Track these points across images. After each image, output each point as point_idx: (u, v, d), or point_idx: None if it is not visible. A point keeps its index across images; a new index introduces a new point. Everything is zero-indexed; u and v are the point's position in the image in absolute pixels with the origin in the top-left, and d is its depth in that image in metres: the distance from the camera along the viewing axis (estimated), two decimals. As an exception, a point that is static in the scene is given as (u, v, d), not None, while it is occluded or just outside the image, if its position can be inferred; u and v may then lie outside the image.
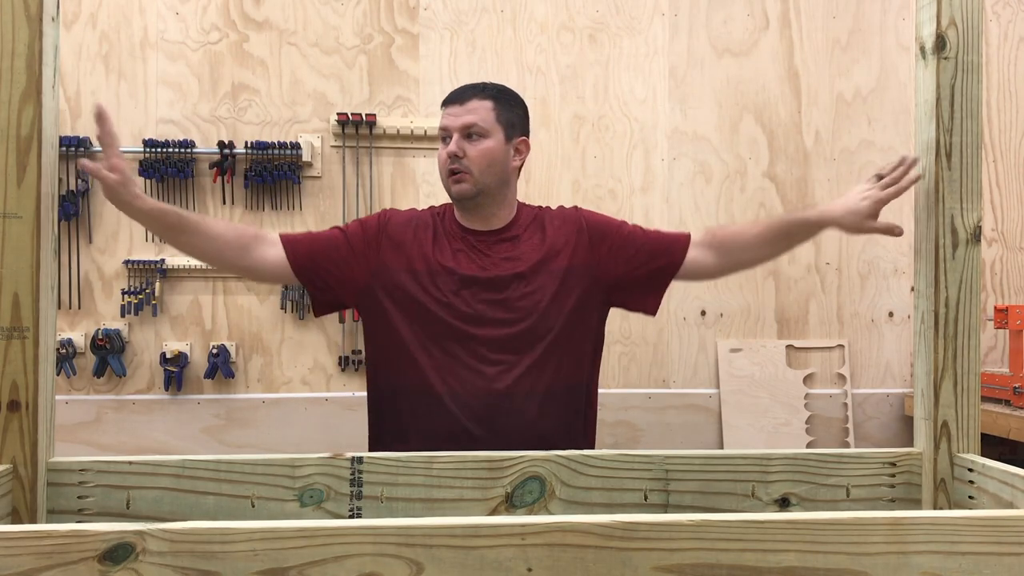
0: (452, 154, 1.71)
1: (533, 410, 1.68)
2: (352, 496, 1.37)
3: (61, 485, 1.30)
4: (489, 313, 1.70)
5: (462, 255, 1.74)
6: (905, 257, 3.26)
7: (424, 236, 1.76)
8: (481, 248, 1.76)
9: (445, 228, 1.79)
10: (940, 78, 1.38)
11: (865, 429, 3.25)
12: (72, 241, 3.01)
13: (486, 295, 1.70)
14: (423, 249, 1.74)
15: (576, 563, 0.94)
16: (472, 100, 1.75)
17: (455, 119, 1.74)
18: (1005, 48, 3.35)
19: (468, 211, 1.78)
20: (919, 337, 1.42)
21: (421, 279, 1.72)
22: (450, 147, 1.72)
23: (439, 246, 1.75)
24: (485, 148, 1.73)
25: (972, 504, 1.30)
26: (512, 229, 1.78)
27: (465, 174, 1.72)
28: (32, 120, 1.23)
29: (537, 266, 1.73)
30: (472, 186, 1.72)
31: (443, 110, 1.77)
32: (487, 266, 1.73)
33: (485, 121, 1.73)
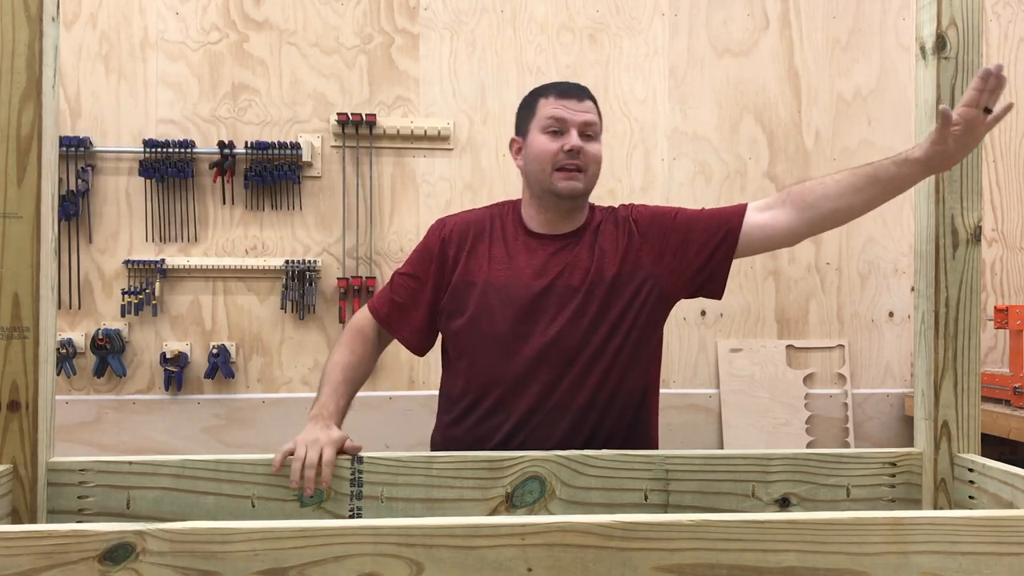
0: (575, 149, 1.62)
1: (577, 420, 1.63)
2: (352, 496, 1.37)
3: (61, 485, 1.30)
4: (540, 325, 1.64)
5: (519, 261, 1.68)
6: (905, 257, 3.26)
7: (478, 243, 1.71)
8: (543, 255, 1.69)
9: (505, 231, 1.72)
10: (940, 78, 1.38)
11: (865, 429, 3.25)
12: (72, 241, 3.01)
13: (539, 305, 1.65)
14: (477, 258, 1.70)
15: (576, 563, 0.94)
16: (587, 100, 1.68)
17: (575, 114, 1.64)
18: (1005, 48, 3.35)
19: (559, 210, 1.69)
20: (919, 337, 1.42)
21: (473, 289, 1.68)
22: (573, 140, 1.62)
23: (494, 253, 1.70)
24: (598, 150, 1.67)
25: (972, 504, 1.30)
26: (578, 235, 1.71)
27: (581, 172, 1.64)
28: (32, 120, 1.23)
29: (589, 276, 1.66)
30: (584, 185, 1.65)
31: (551, 100, 1.67)
32: (543, 273, 1.67)
33: (598, 124, 1.68)
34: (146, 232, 3.05)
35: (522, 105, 1.74)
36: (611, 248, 1.68)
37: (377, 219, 3.12)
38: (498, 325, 1.64)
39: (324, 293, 3.10)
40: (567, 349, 1.63)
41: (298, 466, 1.35)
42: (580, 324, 1.63)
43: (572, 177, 1.63)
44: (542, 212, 1.70)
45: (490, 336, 1.65)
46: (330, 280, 3.11)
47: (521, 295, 1.65)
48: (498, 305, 1.65)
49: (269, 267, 3.06)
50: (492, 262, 1.68)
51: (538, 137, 1.65)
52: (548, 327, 1.64)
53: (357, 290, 3.06)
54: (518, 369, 1.63)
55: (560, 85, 1.70)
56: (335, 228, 3.12)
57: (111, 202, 3.05)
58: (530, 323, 1.64)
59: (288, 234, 3.11)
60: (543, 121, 1.65)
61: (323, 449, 1.37)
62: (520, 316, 1.64)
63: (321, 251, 3.11)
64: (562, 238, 1.70)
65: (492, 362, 1.65)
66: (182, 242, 3.07)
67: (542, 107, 1.67)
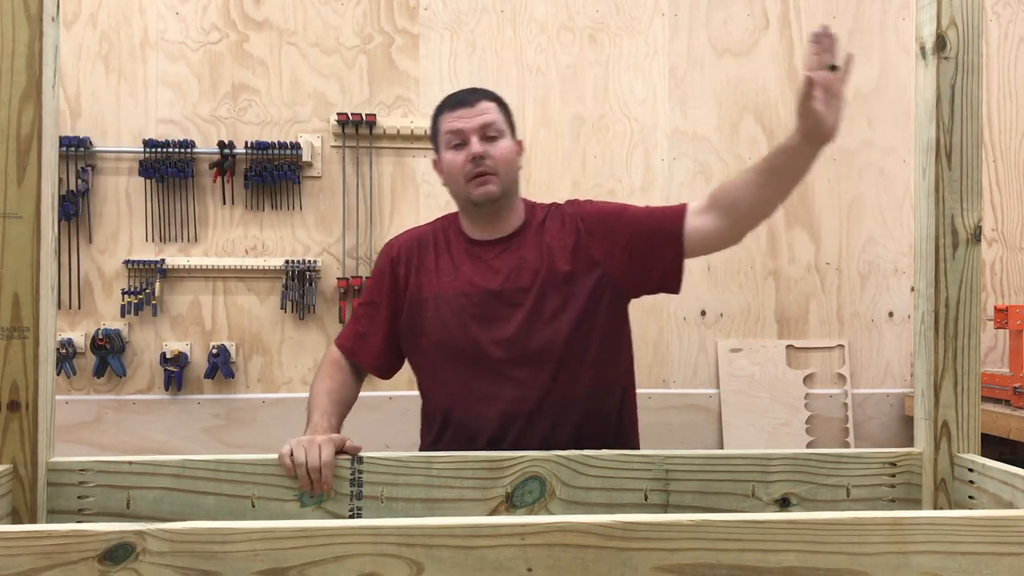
0: (477, 155, 1.64)
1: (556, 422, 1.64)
2: (352, 496, 1.37)
3: (61, 485, 1.30)
4: (497, 330, 1.65)
5: (465, 270, 1.69)
6: (905, 257, 3.26)
7: (425, 258, 1.73)
8: (487, 260, 1.70)
9: (448, 243, 1.74)
10: (940, 78, 1.38)
11: (865, 429, 3.25)
12: (72, 241, 3.01)
13: (492, 311, 1.65)
14: (426, 273, 1.72)
15: (576, 563, 0.94)
16: (481, 102, 1.69)
17: (469, 121, 1.66)
18: (1005, 48, 3.35)
19: (486, 217, 1.71)
20: (919, 337, 1.42)
21: (426, 305, 1.70)
22: (474, 148, 1.64)
23: (441, 266, 1.71)
24: (506, 147, 1.68)
25: (972, 504, 1.30)
26: (519, 235, 1.72)
27: (492, 175, 1.65)
28: (32, 120, 1.23)
29: (538, 275, 1.66)
30: (498, 187, 1.66)
31: (446, 115, 1.69)
32: (492, 280, 1.67)
33: (499, 121, 1.69)
34: (146, 232, 3.05)
35: (431, 126, 1.76)
36: (559, 245, 1.68)
37: (377, 219, 3.12)
38: (455, 336, 1.66)
39: (324, 293, 3.10)
40: (530, 350, 1.63)
41: (303, 473, 1.35)
42: (537, 323, 1.64)
43: (484, 182, 1.65)
44: (474, 222, 1.73)
45: (450, 348, 1.67)
46: (330, 280, 3.11)
47: (472, 303, 1.66)
48: (451, 317, 1.66)
49: (269, 267, 3.06)
50: (440, 275, 1.70)
51: (446, 154, 1.69)
52: (504, 329, 1.64)
53: (357, 290, 3.06)
54: (484, 376, 1.64)
55: (453, 97, 1.72)
56: (335, 228, 3.12)
57: (111, 202, 3.05)
58: (485, 329, 1.65)
59: (288, 234, 3.11)
60: (444, 137, 1.69)
61: (321, 447, 1.37)
62: (475, 324, 1.65)
63: (321, 251, 3.11)
64: (504, 241, 1.71)
65: (457, 373, 1.67)
66: (182, 242, 3.07)
67: (442, 124, 1.70)
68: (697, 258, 3.28)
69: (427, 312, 1.69)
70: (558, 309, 1.65)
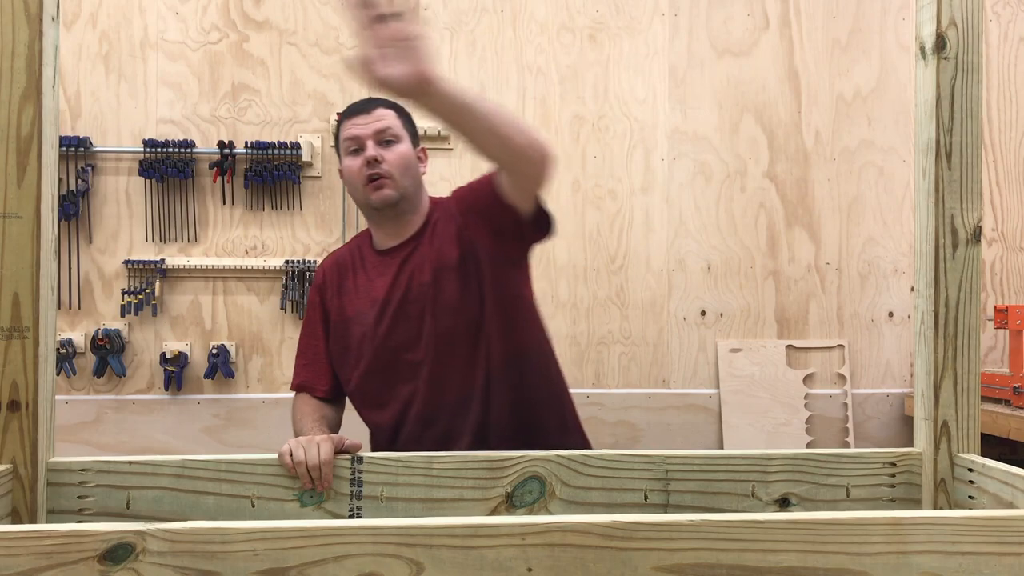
0: (371, 159, 1.65)
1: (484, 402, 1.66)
2: (352, 496, 1.37)
3: (61, 485, 1.30)
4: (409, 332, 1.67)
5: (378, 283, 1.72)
6: (905, 257, 3.26)
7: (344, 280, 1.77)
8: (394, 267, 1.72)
9: (363, 259, 1.77)
10: (940, 78, 1.37)
11: (865, 429, 3.25)
12: (72, 241, 3.01)
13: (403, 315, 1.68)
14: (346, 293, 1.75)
15: (576, 563, 0.94)
16: (377, 108, 1.70)
17: (366, 127, 1.68)
18: (1005, 48, 3.35)
19: (387, 221, 1.72)
20: (919, 337, 1.42)
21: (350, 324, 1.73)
22: (368, 152, 1.66)
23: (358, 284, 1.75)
24: (402, 152, 1.69)
25: (972, 504, 1.30)
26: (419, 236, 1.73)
27: (386, 179, 1.66)
28: (32, 120, 1.23)
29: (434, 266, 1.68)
30: (395, 191, 1.67)
31: (345, 122, 1.71)
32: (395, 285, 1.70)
33: (396, 127, 1.71)
34: (146, 232, 3.05)
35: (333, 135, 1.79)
36: (446, 235, 1.70)
37: (377, 219, 3.12)
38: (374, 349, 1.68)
39: (324, 293, 3.10)
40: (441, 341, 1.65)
41: (303, 471, 1.35)
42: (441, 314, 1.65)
43: (380, 186, 1.66)
44: (378, 228, 1.75)
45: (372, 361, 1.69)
46: (330, 280, 3.10)
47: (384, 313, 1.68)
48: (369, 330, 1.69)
49: (269, 267, 3.06)
50: (358, 292, 1.74)
51: (345, 160, 1.71)
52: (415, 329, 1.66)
53: (357, 290, 3.06)
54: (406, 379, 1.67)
55: (350, 106, 1.75)
56: (335, 228, 3.11)
57: (111, 202, 3.05)
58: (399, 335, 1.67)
59: (288, 234, 3.11)
60: (344, 144, 1.71)
61: (320, 445, 1.37)
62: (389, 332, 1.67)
63: (321, 251, 3.11)
64: (406, 245, 1.72)
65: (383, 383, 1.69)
66: (182, 242, 3.07)
67: (341, 131, 1.72)
68: (693, 255, 3.28)
69: (352, 331, 1.72)
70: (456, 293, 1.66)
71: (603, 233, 3.20)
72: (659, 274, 3.22)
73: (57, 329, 2.04)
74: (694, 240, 3.23)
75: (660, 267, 3.22)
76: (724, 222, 3.23)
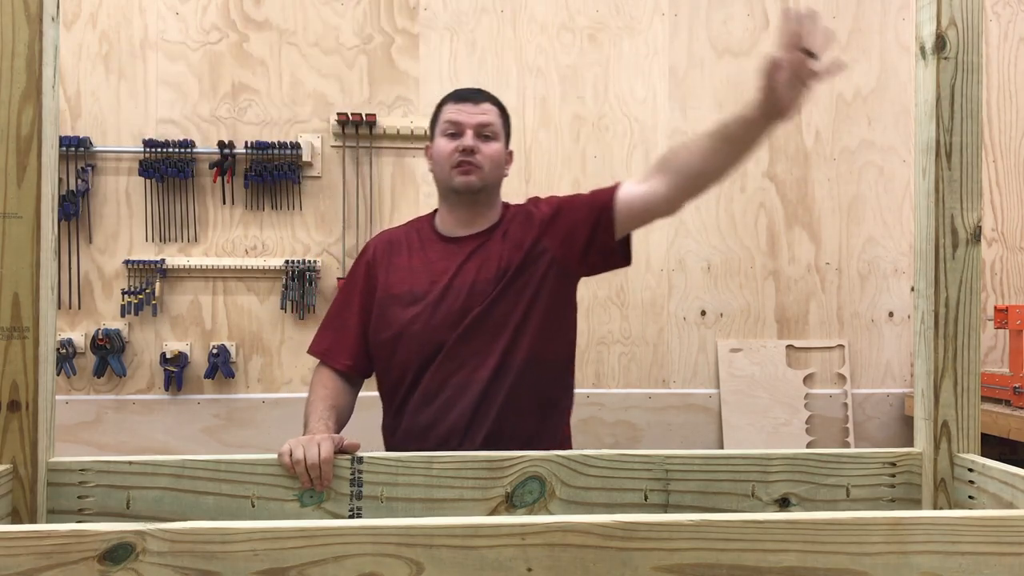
0: (468, 148, 1.72)
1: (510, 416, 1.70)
2: (352, 496, 1.37)
3: (61, 485, 1.30)
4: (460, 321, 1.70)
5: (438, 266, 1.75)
6: (905, 257, 3.26)
7: (397, 257, 1.79)
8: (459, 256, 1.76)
9: (422, 242, 1.80)
10: (940, 78, 1.37)
11: (865, 429, 3.25)
12: (72, 241, 3.02)
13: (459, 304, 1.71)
14: (396, 271, 1.78)
15: (576, 563, 0.94)
16: (484, 103, 1.77)
17: (470, 116, 1.75)
18: (1005, 48, 3.35)
19: (463, 207, 1.77)
20: (919, 337, 1.42)
21: (396, 301, 1.75)
22: (466, 140, 1.72)
23: (413, 264, 1.78)
24: (496, 149, 1.76)
25: (972, 504, 1.30)
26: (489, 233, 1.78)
27: (476, 168, 1.73)
28: (32, 120, 1.23)
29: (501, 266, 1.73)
30: (480, 180, 1.73)
31: (450, 106, 1.77)
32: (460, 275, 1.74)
33: (496, 124, 1.77)
34: (146, 232, 3.05)
35: (432, 115, 1.83)
36: (520, 238, 1.75)
37: (377, 219, 3.12)
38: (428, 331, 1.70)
39: (324, 293, 3.10)
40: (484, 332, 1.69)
41: (302, 470, 1.35)
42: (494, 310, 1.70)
43: (466, 171, 1.72)
44: (452, 212, 1.79)
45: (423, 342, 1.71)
46: (330, 280, 3.11)
47: (443, 298, 1.72)
48: (425, 312, 1.71)
49: (269, 267, 3.06)
50: (412, 272, 1.76)
51: (438, 140, 1.77)
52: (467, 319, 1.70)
53: (357, 290, 3.06)
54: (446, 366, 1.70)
55: (459, 92, 1.81)
56: (335, 228, 3.12)
57: (111, 202, 3.05)
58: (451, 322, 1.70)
59: (288, 234, 3.11)
60: (442, 125, 1.77)
61: (320, 445, 1.38)
62: (447, 318, 1.70)
63: (321, 251, 3.11)
64: (476, 237, 1.77)
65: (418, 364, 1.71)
66: (182, 242, 3.07)
67: (443, 112, 1.78)
68: (692, 255, 3.29)
69: (398, 309, 1.74)
70: (515, 296, 1.71)
71: (603, 233, 3.20)
72: (659, 274, 3.22)
73: (57, 329, 2.04)
74: (694, 240, 3.23)
75: (660, 267, 3.22)
76: (724, 222, 3.23)
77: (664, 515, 1.09)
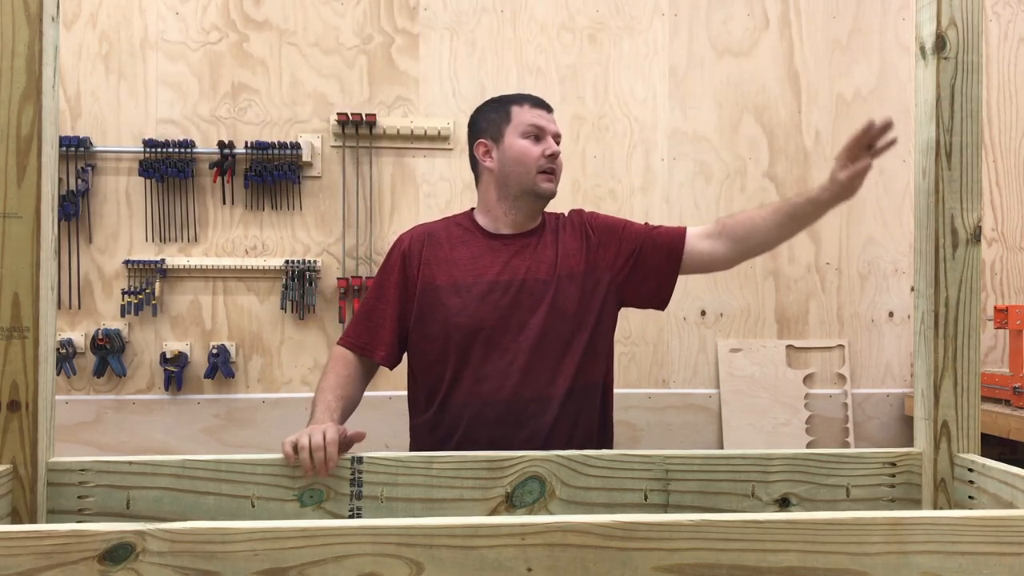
0: (556, 154, 1.78)
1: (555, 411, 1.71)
2: (352, 496, 1.37)
3: (61, 485, 1.30)
4: (516, 319, 1.73)
5: (484, 260, 1.77)
6: (905, 257, 3.26)
7: (437, 251, 1.80)
8: (507, 253, 1.78)
9: (464, 237, 1.82)
10: (940, 78, 1.38)
11: (865, 429, 3.25)
12: (72, 241, 3.02)
13: (513, 300, 1.74)
14: (439, 263, 1.78)
15: (576, 563, 0.94)
16: (552, 113, 1.84)
17: (549, 123, 1.80)
18: (1005, 48, 3.35)
19: (529, 207, 1.81)
20: (919, 337, 1.42)
21: (440, 293, 1.75)
22: (553, 147, 1.78)
23: (456, 257, 1.79)
24: (562, 158, 1.83)
25: (972, 504, 1.30)
26: (536, 234, 1.83)
27: (555, 175, 1.80)
28: (32, 120, 1.23)
29: (556, 270, 1.76)
30: (557, 187, 1.81)
31: (527, 108, 1.80)
32: (507, 271, 1.76)
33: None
34: (146, 232, 3.05)
35: (489, 111, 1.85)
36: (575, 246, 1.80)
37: (377, 219, 3.12)
38: (474, 322, 1.72)
39: (324, 293, 3.10)
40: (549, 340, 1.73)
41: (305, 455, 1.36)
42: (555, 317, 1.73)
43: (551, 179, 1.79)
44: (511, 212, 1.81)
45: (466, 333, 1.72)
46: (330, 280, 3.11)
47: (490, 291, 1.74)
48: (472, 303, 1.73)
49: (269, 267, 3.06)
50: (455, 265, 1.77)
51: (518, 141, 1.78)
52: (524, 319, 1.73)
53: (357, 290, 3.06)
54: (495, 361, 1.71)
55: (532, 96, 1.85)
56: (335, 228, 3.12)
57: (111, 202, 3.05)
58: (505, 318, 1.72)
59: (288, 234, 3.11)
60: (523, 127, 1.78)
61: (325, 431, 1.38)
62: (494, 311, 1.72)
63: (321, 251, 3.11)
64: (522, 237, 1.81)
65: (468, 358, 1.72)
66: (182, 242, 3.07)
67: (519, 114, 1.80)
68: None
69: (442, 300, 1.75)
70: (575, 305, 1.75)
71: (603, 233, 3.21)
72: (659, 274, 3.22)
73: (57, 329, 2.04)
74: (694, 240, 3.23)
75: (660, 267, 3.22)
76: (724, 222, 3.23)
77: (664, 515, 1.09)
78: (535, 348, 1.71)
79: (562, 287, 1.74)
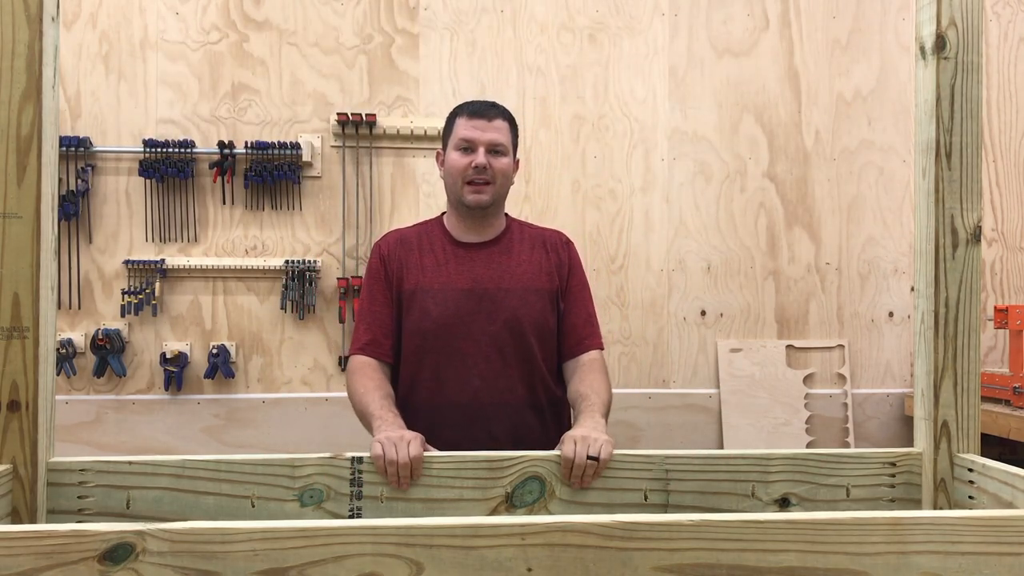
0: (480, 166, 1.80)
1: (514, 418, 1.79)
2: (352, 496, 1.37)
3: (61, 485, 1.30)
4: (478, 324, 1.80)
5: (450, 267, 1.84)
6: (905, 257, 3.26)
7: (409, 256, 1.86)
8: (471, 260, 1.85)
9: (432, 243, 1.88)
10: (940, 78, 1.38)
11: (865, 429, 3.25)
12: (72, 241, 3.01)
13: (474, 307, 1.80)
14: (409, 269, 1.85)
15: (576, 563, 0.94)
16: (497, 119, 1.84)
17: (482, 133, 1.82)
18: (1005, 48, 3.35)
19: (474, 220, 1.86)
20: (919, 337, 1.42)
21: (409, 297, 1.83)
22: (479, 159, 1.80)
23: (425, 263, 1.85)
24: (504, 164, 1.84)
25: (972, 504, 1.30)
26: (503, 242, 1.88)
27: (486, 185, 1.82)
28: (32, 120, 1.23)
29: (522, 282, 1.83)
30: (490, 197, 1.82)
31: (464, 120, 1.84)
32: (471, 279, 1.83)
33: (506, 141, 1.85)
34: (146, 232, 3.05)
35: (447, 121, 1.90)
36: (543, 263, 1.88)
37: (377, 219, 3.12)
38: (435, 327, 1.79)
39: (324, 293, 3.10)
40: (509, 348, 1.80)
41: (394, 471, 1.38)
42: (518, 325, 1.81)
43: (478, 191, 1.83)
44: (461, 221, 1.89)
45: (427, 338, 1.80)
46: (330, 280, 3.11)
47: (455, 298, 1.81)
48: (434, 308, 1.80)
49: (269, 267, 3.06)
50: (424, 271, 1.85)
51: (452, 154, 1.85)
52: (484, 325, 1.80)
53: (357, 290, 3.06)
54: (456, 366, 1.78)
55: (473, 105, 1.88)
56: (335, 228, 3.12)
57: (111, 202, 3.05)
58: (465, 323, 1.79)
59: (288, 234, 3.11)
60: (455, 140, 1.85)
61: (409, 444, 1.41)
62: (455, 317, 1.79)
63: (321, 251, 3.11)
64: (487, 245, 1.88)
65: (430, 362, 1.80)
66: (182, 242, 3.07)
67: (456, 126, 1.86)
68: (693, 255, 3.30)
69: (412, 303, 1.82)
70: (538, 317, 1.83)
71: (603, 233, 3.20)
72: (659, 274, 3.22)
73: (57, 329, 2.04)
74: (694, 240, 3.23)
75: (660, 267, 3.22)
76: (724, 222, 3.23)
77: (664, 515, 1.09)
78: (495, 355, 1.78)
79: (528, 299, 1.82)
